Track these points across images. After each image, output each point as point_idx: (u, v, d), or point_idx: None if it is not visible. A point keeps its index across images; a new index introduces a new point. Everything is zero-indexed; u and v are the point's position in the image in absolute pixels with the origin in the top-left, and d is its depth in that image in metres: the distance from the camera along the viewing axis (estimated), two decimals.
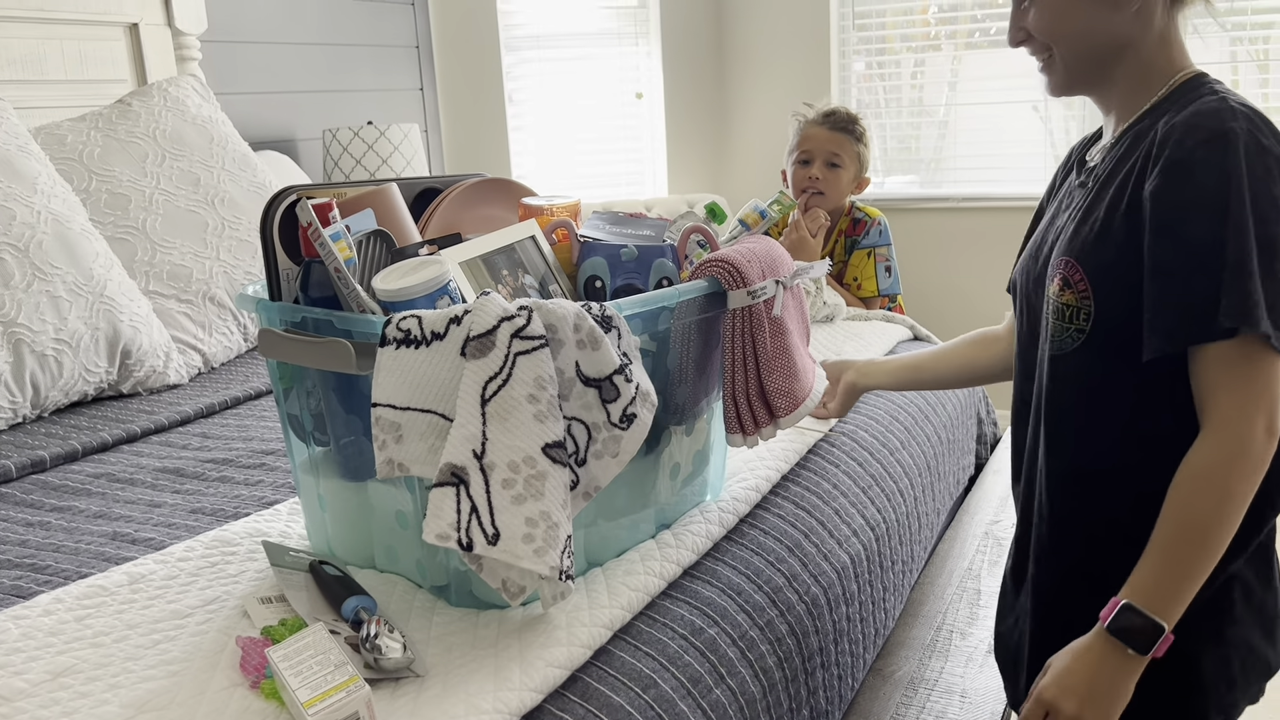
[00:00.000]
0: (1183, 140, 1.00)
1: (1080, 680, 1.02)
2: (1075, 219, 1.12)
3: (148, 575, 1.14)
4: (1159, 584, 1.00)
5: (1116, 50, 1.11)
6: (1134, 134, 1.10)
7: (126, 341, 1.89)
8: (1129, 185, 1.05)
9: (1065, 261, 1.10)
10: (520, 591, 0.98)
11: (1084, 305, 1.08)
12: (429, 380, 0.96)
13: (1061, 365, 1.12)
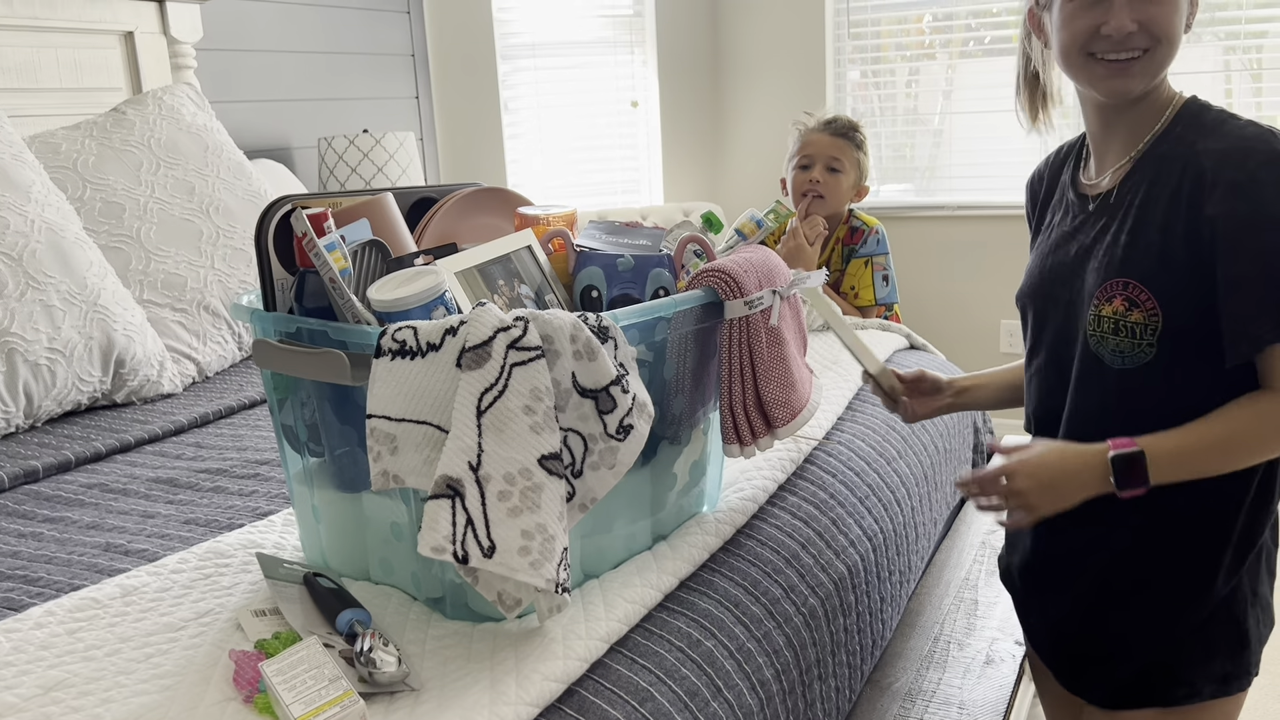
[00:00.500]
0: (1243, 163, 1.08)
1: (1051, 474, 1.14)
2: (1120, 242, 1.18)
3: (141, 587, 1.13)
4: (1174, 459, 1.11)
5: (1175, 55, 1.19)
6: (1155, 159, 1.17)
7: (120, 351, 1.88)
8: (1180, 209, 1.12)
9: (1125, 284, 1.16)
10: (516, 604, 0.97)
11: (1152, 322, 1.15)
12: (424, 391, 0.95)
13: (1134, 379, 1.18)
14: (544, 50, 3.82)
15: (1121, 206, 1.19)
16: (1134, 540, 1.23)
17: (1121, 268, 1.17)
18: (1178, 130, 1.17)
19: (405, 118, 3.53)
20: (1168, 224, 1.13)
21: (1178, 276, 1.13)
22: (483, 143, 3.74)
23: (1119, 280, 1.17)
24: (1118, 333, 1.17)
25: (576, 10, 3.83)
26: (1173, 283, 1.13)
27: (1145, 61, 1.16)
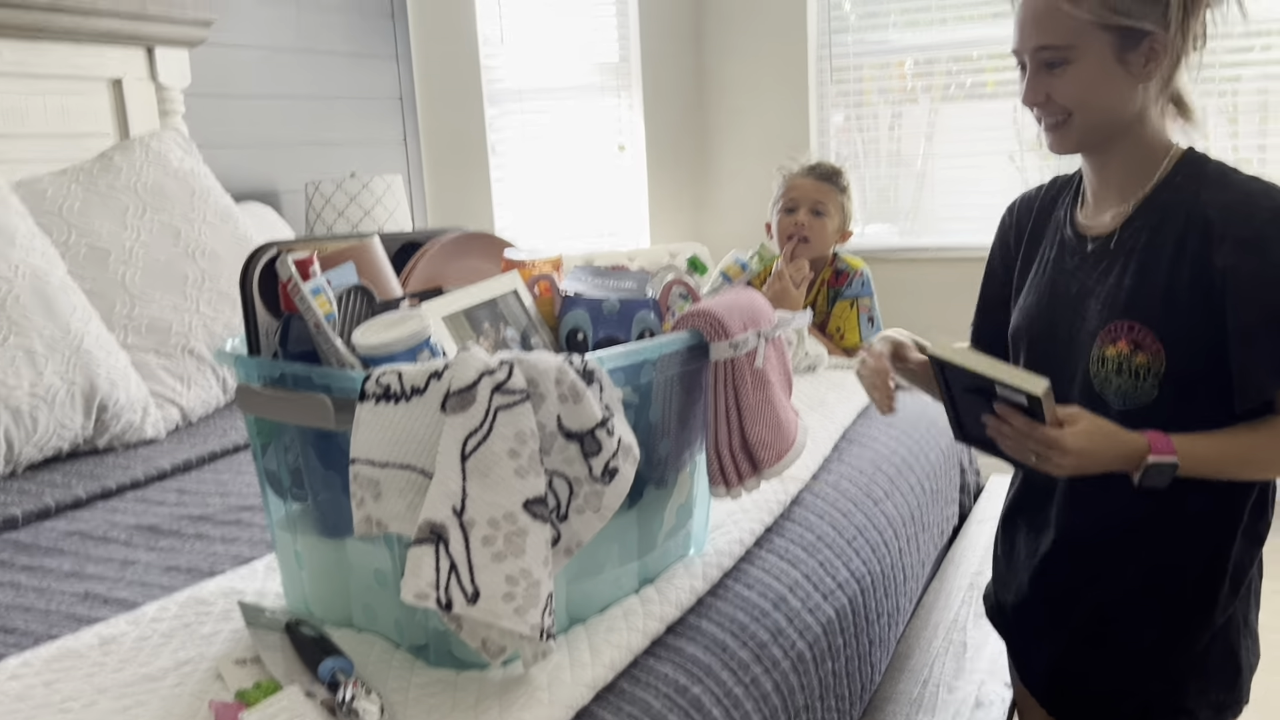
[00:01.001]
0: (1249, 219, 1.14)
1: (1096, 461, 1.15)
2: (1123, 285, 1.21)
3: (119, 637, 1.11)
4: (1198, 466, 1.15)
5: (1128, 121, 1.22)
6: (1159, 207, 1.21)
7: (103, 396, 1.87)
8: (1186, 257, 1.17)
9: (1131, 326, 1.20)
10: (501, 651, 0.96)
11: (1156, 364, 1.19)
12: (408, 436, 0.95)
13: (1136, 420, 1.19)
14: (531, 95, 3.85)
15: (1124, 250, 1.23)
16: (1135, 576, 1.26)
17: (1126, 310, 1.21)
18: (1178, 179, 1.21)
19: (393, 161, 3.55)
20: (1174, 270, 1.18)
21: (1183, 320, 1.17)
22: (470, 186, 3.76)
23: (1124, 322, 1.21)
24: (1121, 374, 1.21)
25: (563, 56, 3.87)
26: (1178, 326, 1.17)
27: (1070, 126, 1.23)
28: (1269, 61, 3.37)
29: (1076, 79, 1.20)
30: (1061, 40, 1.19)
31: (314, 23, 3.21)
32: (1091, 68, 1.19)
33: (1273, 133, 3.39)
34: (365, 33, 3.41)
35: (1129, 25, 1.17)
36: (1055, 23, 1.19)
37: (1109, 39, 1.18)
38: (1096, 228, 1.28)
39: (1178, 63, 1.21)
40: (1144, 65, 1.19)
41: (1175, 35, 1.17)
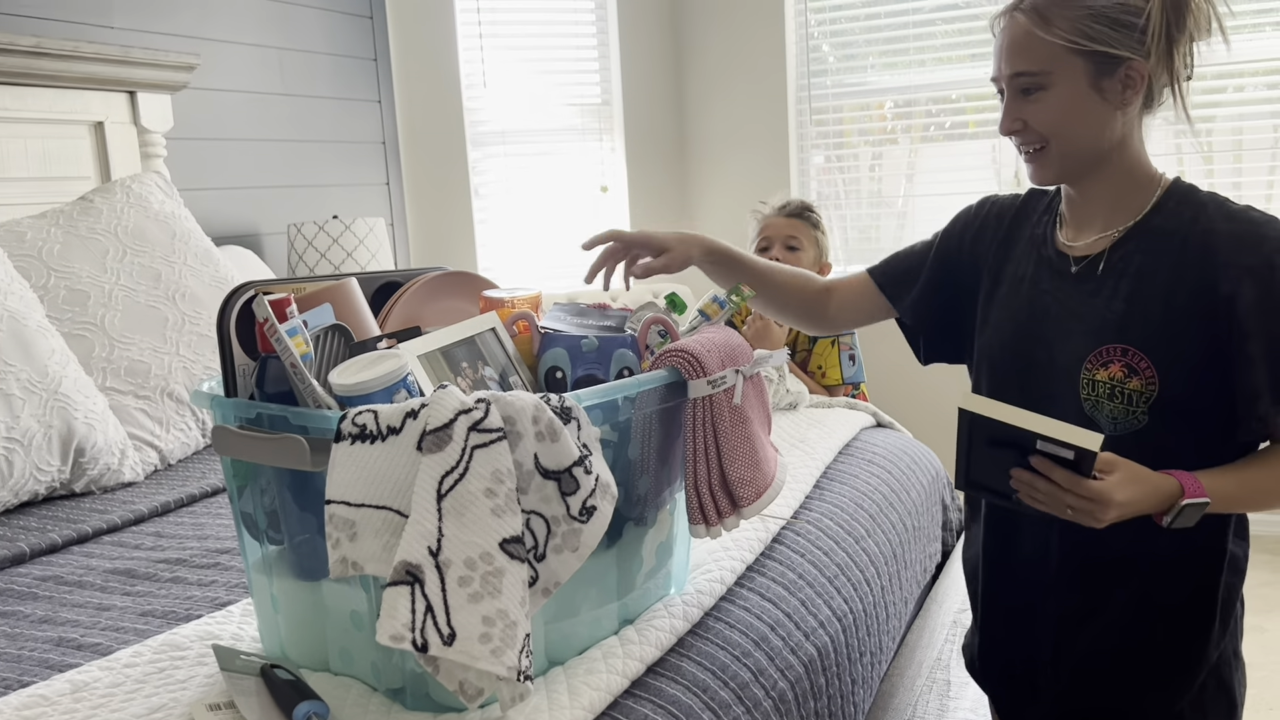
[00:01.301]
0: (1258, 248, 1.14)
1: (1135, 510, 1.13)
2: (1112, 309, 1.21)
3: (91, 683, 1.09)
4: (1225, 502, 1.15)
5: (1107, 150, 1.21)
6: (1151, 231, 1.21)
7: (80, 439, 1.85)
8: (1186, 283, 1.17)
9: (1125, 350, 1.20)
10: (478, 693, 0.95)
11: (1149, 390, 1.18)
12: (384, 476, 0.94)
13: (1122, 446, 1.19)
14: (514, 137, 3.88)
15: (1114, 273, 1.22)
16: (1129, 629, 1.26)
17: (1120, 334, 1.20)
18: (1171, 205, 1.21)
19: (376, 204, 3.56)
20: (1170, 295, 1.17)
21: (1179, 347, 1.17)
22: (453, 227, 3.77)
23: (1117, 347, 1.20)
24: (1114, 399, 1.21)
25: (546, 99, 3.91)
26: (1172, 354, 1.17)
27: (1048, 155, 1.23)
28: (1243, 102, 3.43)
29: (1051, 106, 1.20)
30: (1036, 66, 1.19)
31: (297, 67, 3.24)
32: (1066, 94, 1.19)
33: (1248, 171, 3.44)
34: (348, 77, 3.43)
35: (1103, 51, 1.17)
36: (1030, 49, 1.19)
37: (1084, 65, 1.18)
38: (1080, 249, 1.27)
39: (1161, 93, 1.21)
40: (1121, 92, 1.19)
41: (1157, 64, 1.17)
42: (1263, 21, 3.35)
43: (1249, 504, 1.18)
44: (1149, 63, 1.17)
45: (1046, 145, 1.22)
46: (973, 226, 1.41)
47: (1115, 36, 1.16)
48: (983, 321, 1.36)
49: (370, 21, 3.52)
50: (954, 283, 1.42)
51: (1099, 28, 1.16)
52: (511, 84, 3.85)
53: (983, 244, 1.39)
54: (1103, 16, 1.16)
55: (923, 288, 1.44)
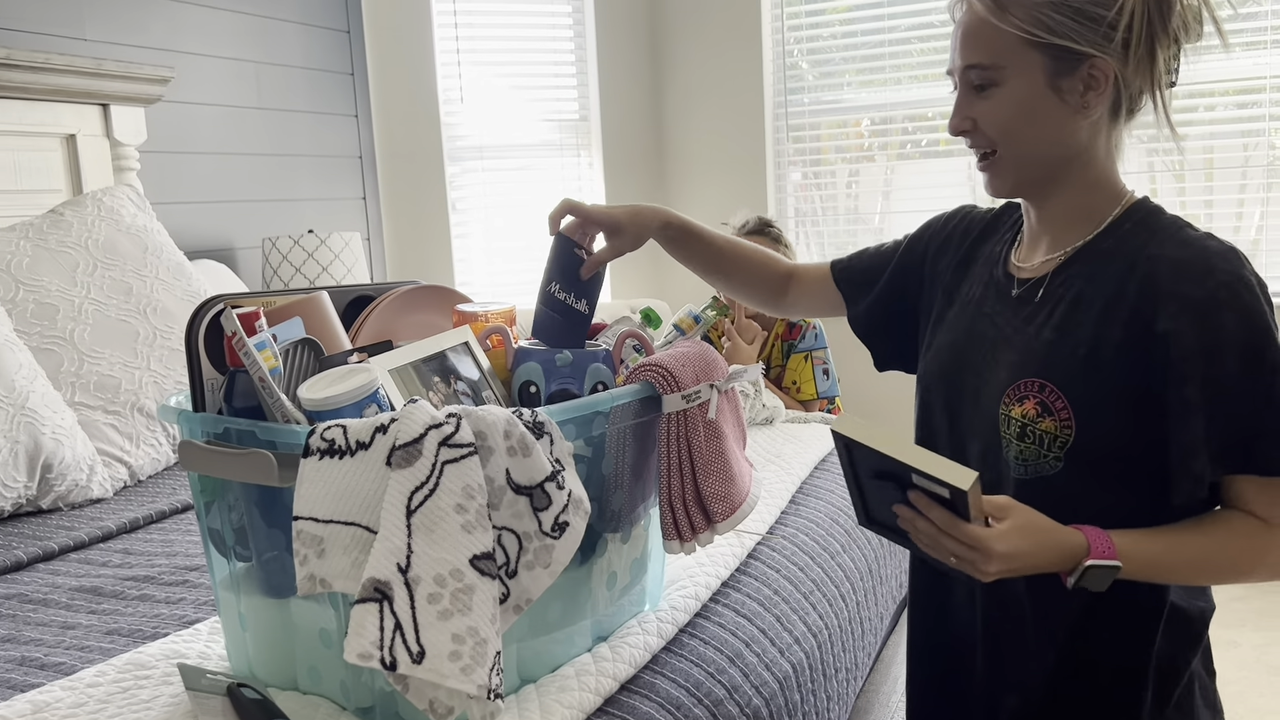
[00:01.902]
0: (1203, 280, 0.99)
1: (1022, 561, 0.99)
2: (1040, 338, 1.08)
3: (53, 703, 1.07)
4: (1143, 571, 1.01)
5: (1067, 160, 1.08)
6: (1095, 256, 1.08)
7: (48, 455, 1.82)
8: (1121, 316, 1.03)
9: (1042, 385, 1.06)
10: (448, 712, 0.93)
11: (1064, 434, 1.05)
12: (353, 491, 0.93)
13: (1033, 492, 1.06)
14: (492, 152, 3.87)
15: (1051, 299, 1.09)
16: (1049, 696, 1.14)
17: (1041, 368, 1.07)
18: (1126, 227, 1.07)
19: (352, 218, 3.55)
20: (1102, 327, 1.04)
21: (1102, 388, 1.03)
22: (430, 242, 3.76)
23: (1035, 381, 1.07)
24: (1025, 439, 1.07)
25: (524, 114, 3.91)
26: (1094, 394, 1.04)
27: (999, 162, 1.10)
28: (1214, 121, 3.47)
29: (1003, 104, 1.06)
30: (988, 59, 1.06)
31: (273, 81, 3.23)
32: (1019, 92, 1.05)
33: (1219, 190, 3.48)
34: (325, 91, 3.42)
35: (1062, 45, 1.03)
36: (984, 39, 1.06)
37: (1041, 60, 1.04)
38: (1027, 270, 1.14)
39: (1138, 99, 1.07)
40: (1082, 94, 1.05)
41: (1134, 65, 1.03)
42: (1233, 42, 3.40)
43: (1178, 574, 1.02)
44: (1119, 62, 1.03)
45: (999, 150, 1.09)
46: (937, 239, 1.29)
47: (1078, 29, 1.02)
48: (928, 344, 1.25)
49: (347, 36, 3.51)
50: (909, 295, 1.31)
51: (1060, 18, 1.02)
52: (489, 99, 3.85)
53: (943, 261, 1.27)
54: (1065, 6, 1.02)
55: (878, 294, 1.33)
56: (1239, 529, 1.01)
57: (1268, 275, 3.42)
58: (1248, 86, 3.41)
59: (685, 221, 1.36)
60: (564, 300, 1.28)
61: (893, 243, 1.36)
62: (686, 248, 1.37)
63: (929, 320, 1.26)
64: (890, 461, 0.98)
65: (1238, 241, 3.47)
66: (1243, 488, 1.02)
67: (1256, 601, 3.10)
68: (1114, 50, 1.02)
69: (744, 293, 1.43)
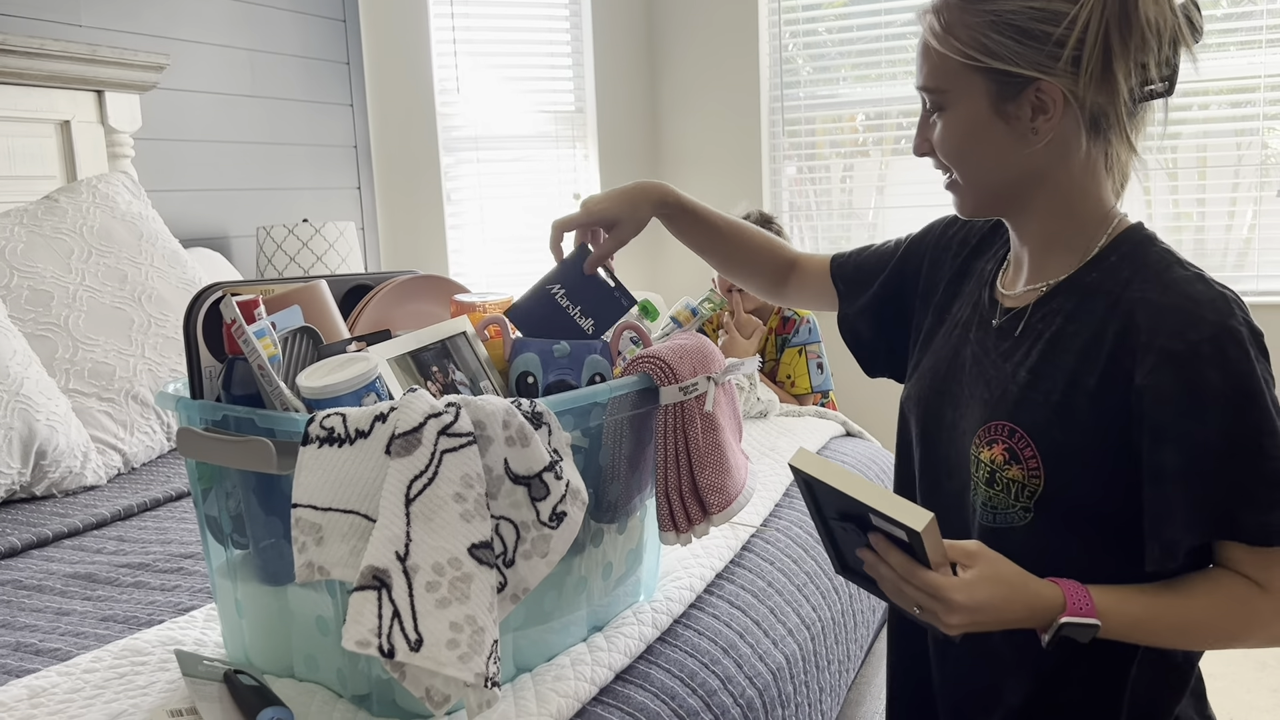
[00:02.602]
0: (1184, 332, 0.91)
1: (987, 616, 0.92)
2: (1015, 379, 1.02)
3: (50, 689, 1.07)
4: (1127, 629, 0.94)
5: (1026, 182, 1.01)
6: (1080, 290, 1.00)
7: (42, 441, 1.82)
8: (1099, 361, 0.96)
9: (1010, 430, 1.00)
10: (445, 700, 0.94)
11: (1032, 484, 0.99)
12: (352, 480, 0.93)
13: (1002, 539, 1.01)
14: (487, 144, 3.87)
15: (1031, 335, 1.02)
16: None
17: (1012, 411, 1.00)
18: (1113, 259, 0.99)
19: (346, 208, 3.54)
20: (1078, 374, 0.97)
21: (1074, 438, 0.97)
22: (425, 233, 3.76)
23: (1005, 424, 1.00)
24: (991, 484, 1.01)
25: (519, 105, 3.90)
26: (1066, 443, 0.97)
27: (955, 186, 1.05)
28: (1207, 120, 3.48)
29: (949, 128, 1.01)
30: (933, 82, 1.01)
31: (268, 69, 3.22)
32: (963, 117, 0.99)
33: (1212, 189, 3.50)
34: (320, 80, 3.41)
35: (1003, 70, 0.96)
36: (931, 61, 1.01)
37: (984, 85, 0.97)
38: (1010, 298, 1.07)
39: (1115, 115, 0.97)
40: (1030, 119, 0.97)
41: (1092, 85, 0.94)
42: (1227, 41, 3.41)
43: (1162, 637, 0.95)
44: (1070, 82, 0.94)
45: (957, 176, 1.04)
46: (935, 248, 1.22)
47: (1020, 51, 0.94)
48: (915, 363, 1.19)
49: (343, 25, 3.50)
50: (904, 302, 1.25)
51: (1001, 40, 0.94)
52: (485, 90, 3.85)
53: (938, 272, 1.20)
54: (1008, 26, 0.94)
55: (871, 297, 1.28)
56: (1231, 592, 0.93)
57: (1260, 274, 3.44)
58: (1241, 85, 3.43)
59: (682, 199, 1.32)
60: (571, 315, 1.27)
61: (894, 242, 1.30)
62: (683, 226, 1.34)
63: (918, 336, 1.21)
64: (849, 500, 0.92)
65: (1230, 241, 3.49)
66: (1233, 552, 0.94)
67: None
68: (1061, 70, 0.94)
69: (743, 276, 1.38)
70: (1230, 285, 0.96)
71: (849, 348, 1.33)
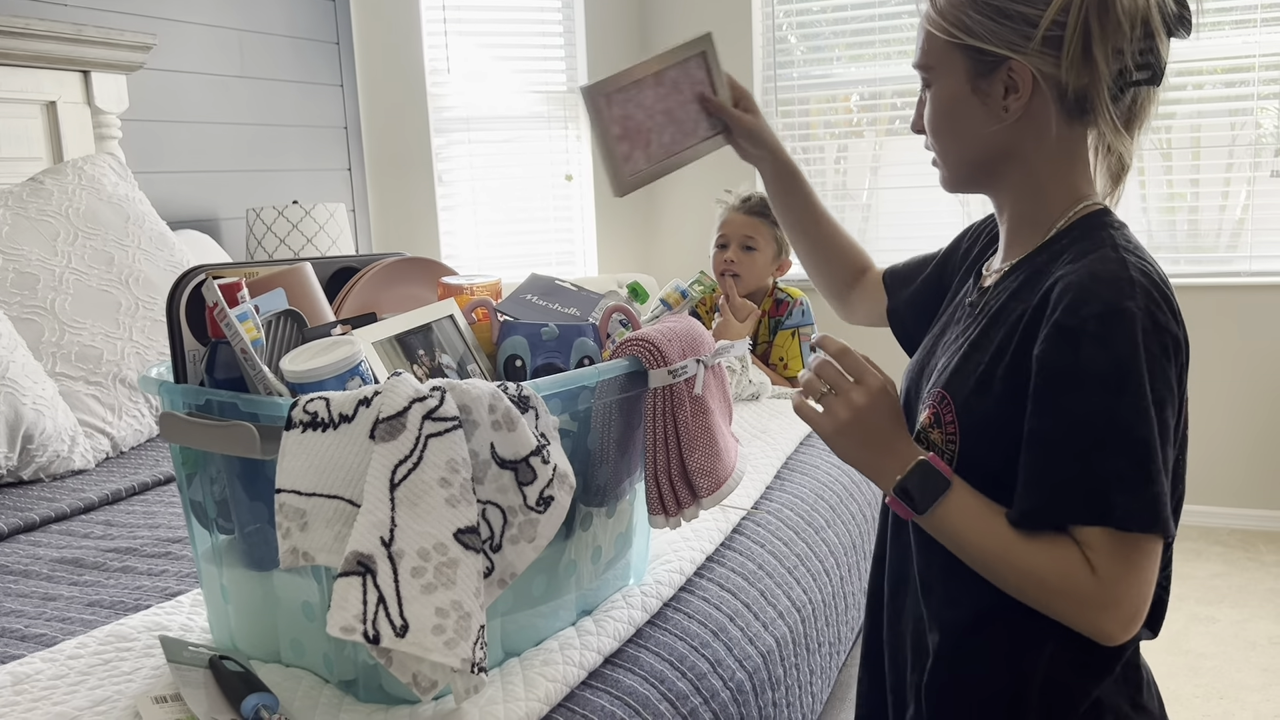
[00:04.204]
0: (1078, 306, 0.92)
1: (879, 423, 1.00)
2: (959, 351, 1.05)
3: (33, 675, 1.07)
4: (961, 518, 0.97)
5: (998, 159, 1.04)
6: (1030, 270, 1.02)
7: (29, 425, 1.81)
8: (1015, 337, 0.98)
9: (941, 396, 1.03)
10: (432, 685, 0.93)
11: (949, 449, 1.01)
12: (336, 464, 0.93)
13: None
14: (478, 124, 3.84)
15: (986, 311, 1.06)
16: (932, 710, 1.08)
17: (949, 380, 1.04)
18: (1064, 241, 1.01)
19: (337, 190, 3.52)
20: (1002, 347, 0.99)
21: (988, 406, 0.99)
22: (416, 214, 3.73)
23: (940, 391, 1.04)
24: (922, 446, 1.04)
25: (511, 86, 3.88)
26: (982, 412, 1.00)
27: (937, 161, 1.10)
28: (1201, 99, 3.47)
29: (933, 105, 1.06)
30: (923, 60, 1.06)
31: (257, 49, 3.19)
32: (945, 94, 1.04)
33: (1206, 169, 3.48)
34: (310, 60, 3.38)
35: (979, 48, 0.99)
36: (923, 40, 1.06)
37: (963, 63, 1.01)
38: (987, 278, 1.11)
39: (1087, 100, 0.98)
40: (1003, 98, 1.00)
41: (1069, 67, 0.96)
42: (1222, 20, 3.39)
43: (984, 555, 0.96)
44: (1043, 63, 0.97)
45: (937, 152, 1.09)
46: (968, 242, 1.25)
47: (995, 30, 0.97)
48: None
49: (333, 4, 3.46)
50: (941, 299, 1.26)
51: (979, 18, 0.98)
52: (476, 70, 3.82)
53: (964, 266, 1.23)
54: (987, 5, 0.98)
55: (915, 292, 1.30)
56: (1064, 550, 0.93)
57: (1253, 255, 3.44)
58: (1236, 65, 3.41)
59: (795, 166, 1.37)
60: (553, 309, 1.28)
61: (941, 247, 1.31)
62: (786, 190, 1.37)
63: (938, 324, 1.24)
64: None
65: (1223, 222, 3.48)
66: (1086, 533, 0.92)
67: (1235, 578, 3.13)
68: (1034, 50, 0.96)
69: (819, 268, 1.40)
70: (1224, 266, 0.96)
71: (899, 341, 1.34)
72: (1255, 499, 3.52)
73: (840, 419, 1.01)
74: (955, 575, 1.02)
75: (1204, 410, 3.49)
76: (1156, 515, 0.90)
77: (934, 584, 1.07)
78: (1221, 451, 3.52)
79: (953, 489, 0.98)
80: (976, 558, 0.97)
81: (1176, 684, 2.53)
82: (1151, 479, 0.90)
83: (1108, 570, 0.91)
